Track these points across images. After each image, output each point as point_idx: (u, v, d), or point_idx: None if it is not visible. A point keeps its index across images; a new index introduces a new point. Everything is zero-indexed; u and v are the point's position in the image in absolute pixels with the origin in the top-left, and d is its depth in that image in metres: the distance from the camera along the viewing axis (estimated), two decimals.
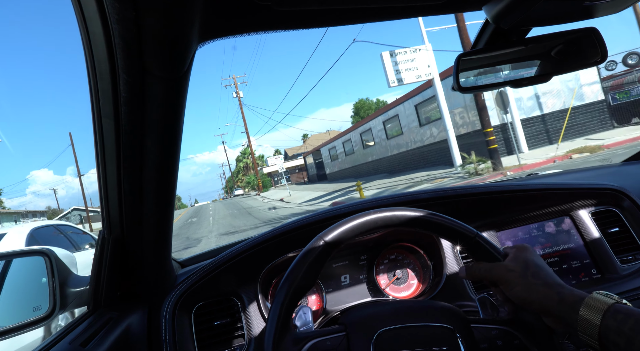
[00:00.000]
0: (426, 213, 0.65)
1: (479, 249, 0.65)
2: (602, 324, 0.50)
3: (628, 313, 0.49)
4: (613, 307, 0.51)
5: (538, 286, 0.58)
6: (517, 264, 0.61)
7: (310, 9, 0.48)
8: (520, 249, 0.64)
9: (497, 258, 0.64)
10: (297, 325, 0.65)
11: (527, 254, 0.62)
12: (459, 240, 0.66)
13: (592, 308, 0.52)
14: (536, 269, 0.60)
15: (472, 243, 0.65)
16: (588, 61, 0.66)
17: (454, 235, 0.65)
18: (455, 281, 0.98)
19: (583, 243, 1.05)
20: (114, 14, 0.39)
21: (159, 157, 0.60)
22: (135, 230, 0.73)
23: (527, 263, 0.61)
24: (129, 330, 0.77)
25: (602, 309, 0.51)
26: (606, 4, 0.54)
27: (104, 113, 0.54)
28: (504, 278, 0.61)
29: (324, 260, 0.62)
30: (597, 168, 1.44)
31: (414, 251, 1.07)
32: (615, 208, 1.07)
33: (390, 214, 0.64)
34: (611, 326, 0.49)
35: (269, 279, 0.98)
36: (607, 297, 0.53)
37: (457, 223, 0.66)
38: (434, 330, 0.62)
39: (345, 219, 0.64)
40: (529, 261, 0.61)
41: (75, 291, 0.82)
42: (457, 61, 0.65)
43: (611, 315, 0.50)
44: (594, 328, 0.51)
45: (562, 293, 0.56)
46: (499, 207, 1.04)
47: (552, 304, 0.56)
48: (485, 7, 0.55)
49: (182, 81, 0.49)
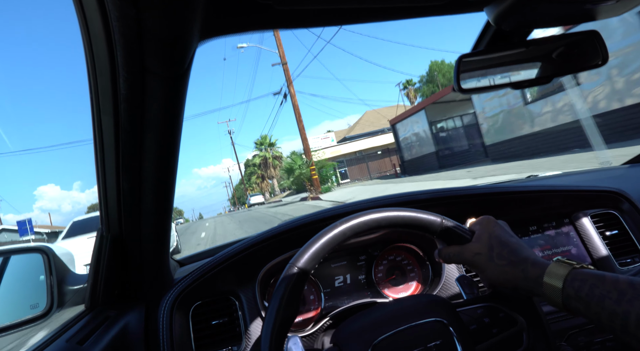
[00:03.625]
0: (389, 211, 0.65)
1: (448, 233, 0.66)
2: (563, 292, 0.52)
3: (584, 278, 0.51)
4: (571, 274, 0.52)
5: (504, 267, 0.60)
6: (482, 246, 0.63)
7: (311, 8, 0.48)
8: (484, 225, 0.65)
9: (465, 237, 0.65)
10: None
11: (489, 231, 0.64)
12: (429, 229, 0.66)
13: (553, 275, 0.54)
14: (500, 249, 0.61)
15: (441, 228, 0.66)
16: (589, 63, 0.66)
17: (422, 226, 0.66)
18: (454, 281, 0.98)
19: (582, 245, 1.05)
20: (114, 11, 0.39)
21: (158, 156, 0.60)
22: (134, 228, 0.72)
23: (491, 242, 0.63)
24: (127, 329, 0.77)
25: (562, 276, 0.53)
26: (608, 7, 0.54)
27: (104, 111, 0.54)
28: (473, 262, 0.64)
29: (302, 285, 0.61)
30: (598, 170, 1.44)
31: (412, 251, 1.07)
32: (614, 210, 1.07)
33: (355, 222, 0.64)
34: (570, 293, 0.51)
35: (268, 279, 0.98)
36: (566, 263, 0.54)
37: (422, 213, 0.66)
38: (426, 326, 0.63)
39: (312, 239, 0.63)
40: (492, 239, 0.63)
41: (73, 289, 0.82)
42: (458, 62, 0.65)
43: (569, 282, 0.52)
44: (558, 295, 0.53)
45: (526, 269, 0.58)
46: (498, 208, 1.04)
47: (519, 281, 0.59)
48: (486, 8, 0.55)
49: (182, 79, 0.49)
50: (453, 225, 0.66)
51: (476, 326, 0.64)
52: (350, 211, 0.93)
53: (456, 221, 0.67)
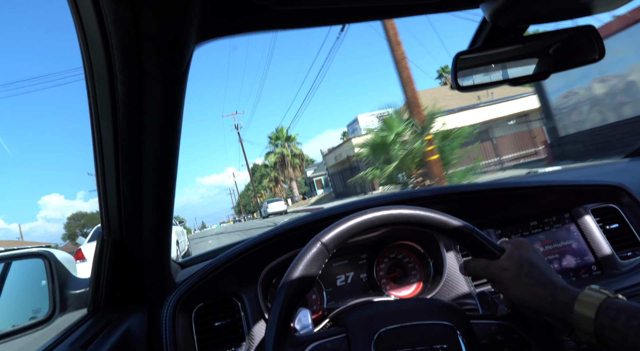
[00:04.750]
0: (423, 211, 0.65)
1: (476, 245, 0.65)
2: (596, 321, 0.50)
3: (620, 308, 0.49)
4: (605, 303, 0.51)
5: (531, 287, 0.58)
6: (511, 263, 0.61)
7: (308, 9, 0.48)
8: (517, 245, 0.64)
9: (494, 253, 0.64)
10: (296, 328, 0.65)
11: (522, 252, 0.62)
12: (456, 237, 0.66)
13: (586, 305, 0.52)
14: (530, 268, 0.60)
15: (469, 239, 0.65)
16: (586, 58, 0.66)
17: (450, 232, 0.65)
18: (455, 279, 0.98)
19: (583, 239, 1.05)
20: (111, 15, 0.39)
21: (157, 159, 0.60)
22: (135, 232, 0.72)
23: (522, 261, 0.61)
24: (129, 332, 0.77)
25: (596, 305, 0.51)
26: (603, 2, 0.54)
27: (102, 115, 0.54)
28: (499, 278, 0.62)
29: (322, 262, 0.61)
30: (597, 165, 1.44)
31: (414, 249, 1.07)
32: (615, 204, 1.07)
33: (387, 213, 0.64)
34: (605, 323, 0.49)
35: (270, 279, 0.98)
36: (599, 292, 0.52)
37: (454, 219, 0.65)
38: (434, 328, 0.62)
39: (341, 219, 0.64)
40: (523, 259, 0.61)
41: (75, 293, 0.82)
42: (455, 60, 0.65)
43: (604, 311, 0.50)
44: (590, 324, 0.51)
45: (555, 293, 0.56)
46: (500, 205, 1.04)
47: (546, 304, 0.56)
48: (482, 5, 0.55)
49: (180, 82, 0.49)
50: (483, 238, 0.65)
51: (487, 342, 0.62)
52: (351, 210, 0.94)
53: (486, 235, 0.66)
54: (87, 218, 55.71)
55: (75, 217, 57.92)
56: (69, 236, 54.34)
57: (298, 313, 0.65)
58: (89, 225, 53.41)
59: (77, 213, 58.20)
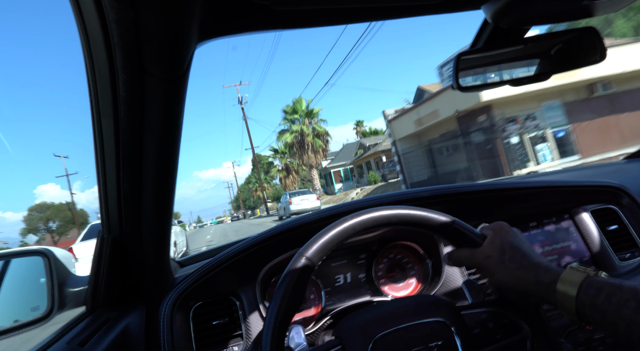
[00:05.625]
0: (402, 209, 0.65)
1: (458, 235, 0.65)
2: (577, 299, 0.51)
3: (600, 286, 0.50)
4: (586, 281, 0.51)
5: (515, 270, 0.59)
6: (493, 249, 0.62)
7: (309, 9, 0.48)
8: (497, 230, 0.64)
9: (476, 242, 0.65)
10: (291, 347, 0.64)
11: (503, 236, 0.63)
12: (438, 229, 0.66)
13: (568, 283, 0.53)
14: (512, 253, 0.61)
15: (451, 230, 0.65)
16: (587, 60, 0.67)
17: (432, 226, 0.65)
18: (453, 279, 0.98)
19: (582, 240, 1.05)
20: (112, 14, 0.39)
21: (158, 157, 0.60)
22: (134, 230, 0.72)
23: (504, 246, 0.62)
24: (127, 330, 0.77)
25: (577, 283, 0.52)
26: (605, 3, 0.54)
27: (103, 113, 0.54)
28: (483, 265, 0.63)
29: (308, 276, 0.61)
30: (597, 166, 1.45)
31: (413, 250, 1.07)
32: (614, 205, 1.07)
33: (366, 217, 0.63)
34: (585, 301, 0.50)
35: (268, 279, 0.98)
36: (580, 271, 0.53)
37: (434, 214, 0.65)
38: (428, 326, 0.62)
39: (323, 230, 0.63)
40: (505, 243, 0.62)
41: (74, 291, 0.82)
42: (456, 60, 0.65)
43: (585, 289, 0.51)
44: (572, 303, 0.51)
45: (538, 274, 0.57)
46: (499, 205, 1.04)
47: (530, 286, 0.57)
48: (484, 6, 0.55)
49: (181, 81, 0.49)
50: (465, 228, 0.65)
51: (479, 331, 0.63)
52: (351, 210, 0.94)
53: (468, 224, 0.66)
54: (53, 210, 44.89)
55: (38, 208, 45.94)
56: (30, 231, 41.22)
57: (291, 331, 0.64)
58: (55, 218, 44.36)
59: (41, 203, 46.95)
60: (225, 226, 31.45)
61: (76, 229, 35.93)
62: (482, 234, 0.66)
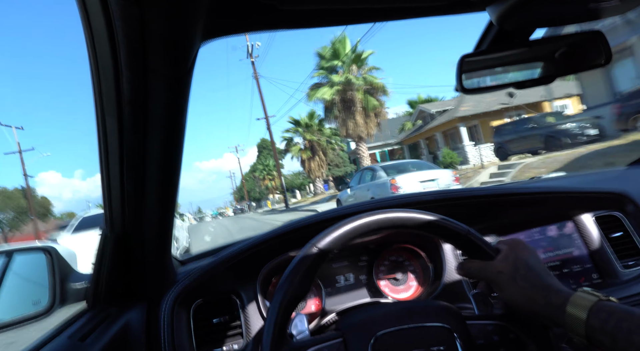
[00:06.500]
0: (417, 213, 0.65)
1: (472, 246, 0.65)
2: (587, 323, 0.50)
3: (611, 311, 0.50)
4: (596, 305, 0.51)
5: (526, 290, 0.58)
6: (506, 266, 0.61)
7: (314, 9, 0.48)
8: (512, 246, 0.64)
9: (489, 254, 0.64)
10: (293, 333, 0.65)
11: (517, 253, 0.62)
12: (451, 238, 0.66)
13: (577, 307, 0.52)
14: (525, 271, 0.60)
15: (464, 240, 0.65)
16: (592, 63, 0.66)
17: (445, 233, 0.65)
18: (455, 284, 0.97)
19: (585, 247, 1.04)
20: (118, 12, 0.39)
21: (162, 156, 0.60)
22: (137, 228, 0.73)
23: (517, 263, 0.61)
24: (128, 326, 0.77)
25: (587, 307, 0.51)
26: (611, 6, 0.54)
27: (107, 111, 0.54)
28: (494, 280, 0.62)
29: (318, 267, 0.61)
30: (601, 172, 1.44)
31: (414, 252, 1.06)
32: (618, 212, 1.06)
33: (382, 217, 0.64)
34: (595, 325, 0.50)
35: (269, 278, 0.98)
36: (591, 295, 0.53)
37: (449, 221, 0.65)
38: (431, 330, 0.62)
39: (337, 224, 0.63)
40: (519, 261, 0.61)
41: (75, 287, 0.83)
42: (460, 62, 0.65)
43: (595, 313, 0.50)
44: (581, 326, 0.51)
45: (549, 295, 0.56)
46: (501, 210, 1.04)
47: (540, 307, 0.57)
48: (489, 8, 0.55)
49: (185, 79, 0.49)
50: (479, 239, 0.65)
51: (483, 342, 0.62)
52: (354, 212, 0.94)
53: (482, 236, 0.66)
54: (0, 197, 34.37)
55: None
56: None
57: (294, 318, 0.65)
58: (4, 209, 34.47)
59: None
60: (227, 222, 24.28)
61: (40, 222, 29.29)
62: (497, 248, 0.65)
